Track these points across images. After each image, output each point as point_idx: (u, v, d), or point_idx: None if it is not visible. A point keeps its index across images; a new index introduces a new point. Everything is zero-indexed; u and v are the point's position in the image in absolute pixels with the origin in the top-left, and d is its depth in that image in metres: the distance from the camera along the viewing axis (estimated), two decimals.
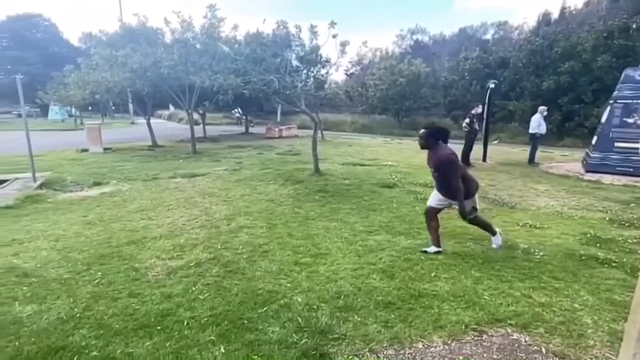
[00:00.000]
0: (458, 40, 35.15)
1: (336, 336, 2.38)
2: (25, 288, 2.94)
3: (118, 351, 2.22)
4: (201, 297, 2.85)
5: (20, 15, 44.84)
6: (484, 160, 10.32)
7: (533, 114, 10.55)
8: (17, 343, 2.25)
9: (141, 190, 6.67)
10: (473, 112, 9.66)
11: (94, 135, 12.45)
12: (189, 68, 10.05)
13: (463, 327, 2.49)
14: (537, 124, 9.91)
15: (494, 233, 3.84)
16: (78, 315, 2.58)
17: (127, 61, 10.29)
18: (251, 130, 21.45)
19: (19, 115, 32.29)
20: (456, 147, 13.10)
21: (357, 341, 2.34)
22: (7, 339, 2.30)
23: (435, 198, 3.79)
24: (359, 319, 2.58)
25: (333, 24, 6.75)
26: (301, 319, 2.55)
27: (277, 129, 18.91)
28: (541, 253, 3.71)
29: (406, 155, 11.79)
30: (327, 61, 7.68)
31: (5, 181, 7.05)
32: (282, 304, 2.75)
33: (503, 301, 2.81)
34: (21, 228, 4.53)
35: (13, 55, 43.33)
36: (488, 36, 36.38)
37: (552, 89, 16.08)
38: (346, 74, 21.57)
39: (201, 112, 18.45)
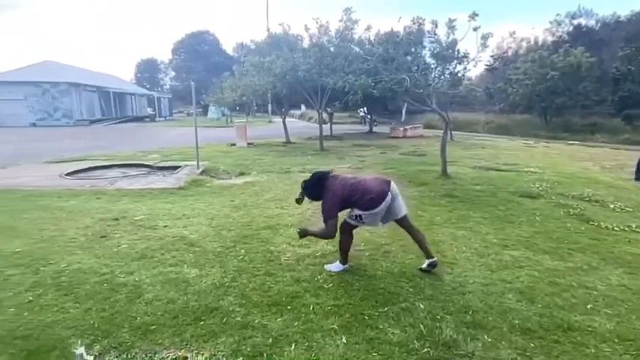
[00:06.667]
0: (638, 20, 28.00)
1: (462, 352, 2.21)
2: (191, 255, 3.63)
3: (256, 321, 2.53)
4: (325, 286, 3.02)
5: (194, 32, 55.24)
6: None
7: None
8: (185, 298, 2.80)
9: (275, 182, 7.44)
10: None
11: (241, 132, 14.43)
12: (323, 70, 10.70)
13: None
14: None
15: (343, 262, 3.31)
16: (227, 284, 3.05)
17: (272, 66, 11.59)
18: (374, 129, 21.60)
19: (188, 114, 39.96)
20: (630, 153, 10.62)
21: None
22: (178, 293, 2.88)
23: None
24: (490, 339, 2.34)
25: (474, 15, 6.22)
26: (423, 326, 2.46)
27: (402, 128, 18.53)
28: None
29: (555, 161, 10.10)
30: (465, 56, 7.12)
31: (178, 167, 8.80)
32: (404, 308, 2.70)
33: None
34: (188, 206, 5.58)
35: (186, 66, 53.76)
36: None
37: None
38: (487, 69, 19.56)
39: (329, 111, 19.45)
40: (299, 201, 3.34)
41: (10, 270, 3.22)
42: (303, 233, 3.32)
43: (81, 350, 2.12)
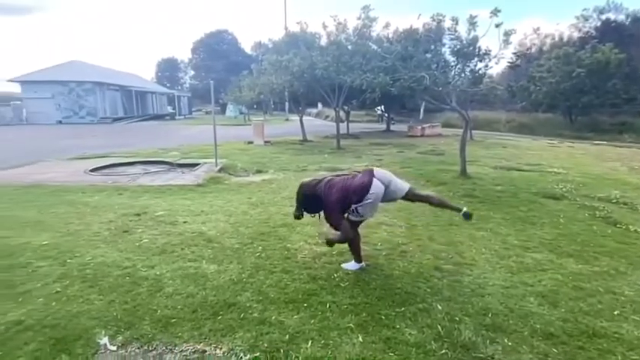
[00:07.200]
0: None
1: (482, 355, 2.18)
2: (209, 250, 3.69)
3: (273, 317, 2.55)
4: (342, 284, 3.02)
5: (213, 32, 55.94)
6: None
7: None
8: (204, 293, 2.85)
9: (292, 180, 7.46)
10: None
11: (259, 130, 14.55)
12: (341, 68, 10.67)
13: None
14: None
15: (358, 261, 3.30)
16: (244, 280, 3.09)
17: (289, 64, 11.62)
18: (392, 127, 21.39)
19: (206, 113, 40.56)
20: None
21: None
22: (197, 288, 2.92)
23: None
24: (510, 343, 2.29)
25: (496, 11, 6.07)
26: (441, 327, 2.43)
27: (420, 127, 18.30)
28: None
29: (580, 162, 9.78)
30: (487, 53, 6.95)
31: (197, 164, 8.96)
32: (421, 308, 2.67)
33: None
34: (207, 202, 5.67)
35: (205, 65, 54.52)
36: None
37: None
38: (510, 66, 19.05)
39: (346, 109, 19.38)
40: (298, 217, 3.32)
41: (39, 262, 3.35)
42: (329, 242, 3.35)
43: (105, 340, 2.19)
